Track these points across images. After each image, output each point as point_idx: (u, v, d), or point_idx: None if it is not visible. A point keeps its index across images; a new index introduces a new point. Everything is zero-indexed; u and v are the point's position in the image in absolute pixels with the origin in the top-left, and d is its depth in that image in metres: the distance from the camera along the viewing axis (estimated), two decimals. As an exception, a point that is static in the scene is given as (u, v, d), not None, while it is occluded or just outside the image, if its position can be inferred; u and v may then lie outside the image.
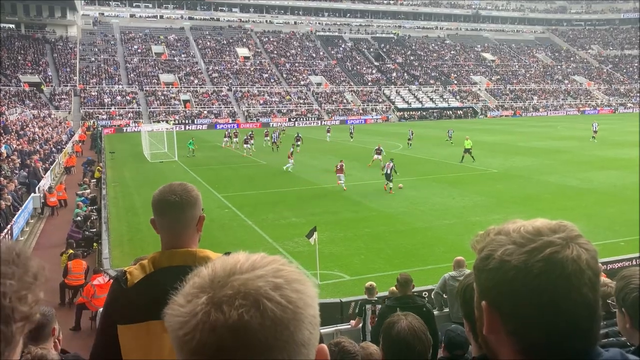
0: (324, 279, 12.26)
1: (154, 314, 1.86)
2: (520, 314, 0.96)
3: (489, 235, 1.05)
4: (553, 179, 24.63)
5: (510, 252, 0.98)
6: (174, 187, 2.07)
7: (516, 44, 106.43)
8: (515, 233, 1.01)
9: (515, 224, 1.04)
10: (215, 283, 0.80)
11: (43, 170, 24.39)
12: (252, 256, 0.86)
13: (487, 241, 1.04)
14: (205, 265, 0.85)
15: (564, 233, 0.99)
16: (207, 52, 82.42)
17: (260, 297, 0.78)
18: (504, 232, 1.03)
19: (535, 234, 0.99)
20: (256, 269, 0.82)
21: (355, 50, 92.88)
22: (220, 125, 63.31)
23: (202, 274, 0.83)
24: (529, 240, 0.98)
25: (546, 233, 0.99)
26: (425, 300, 7.25)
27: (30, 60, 69.15)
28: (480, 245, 1.05)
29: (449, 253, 13.82)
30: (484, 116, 78.63)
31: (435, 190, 22.73)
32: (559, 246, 0.96)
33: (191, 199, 2.07)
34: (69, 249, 13.10)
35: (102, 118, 62.24)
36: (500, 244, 1.00)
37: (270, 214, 19.09)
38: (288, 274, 0.83)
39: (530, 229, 1.00)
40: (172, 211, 2.02)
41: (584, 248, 0.98)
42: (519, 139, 42.95)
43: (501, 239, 1.01)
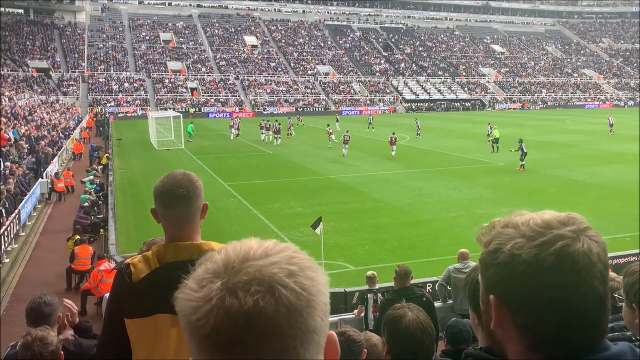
0: (329, 269, 12.31)
1: (161, 308, 1.88)
2: (530, 308, 0.95)
3: (495, 228, 1.04)
4: (559, 173, 24.52)
5: (520, 246, 0.96)
6: (178, 179, 2.03)
7: (526, 36, 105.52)
8: (524, 226, 0.99)
9: (523, 216, 1.03)
10: (230, 269, 0.80)
11: (50, 156, 24.52)
12: (264, 243, 0.86)
13: (493, 234, 1.03)
14: (218, 250, 0.85)
15: (574, 226, 0.98)
16: (214, 40, 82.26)
17: (275, 284, 0.78)
18: (511, 224, 1.01)
19: (545, 227, 0.97)
20: (269, 255, 0.82)
21: (363, 40, 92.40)
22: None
23: (215, 259, 0.83)
24: (538, 233, 0.97)
25: (556, 226, 0.97)
26: (424, 291, 7.28)
27: (38, 45, 69.27)
28: (486, 238, 1.04)
29: (454, 245, 13.83)
30: (492, 109, 78.20)
31: (441, 182, 22.70)
32: (569, 239, 0.95)
33: (197, 189, 2.05)
34: (75, 235, 13.20)
35: (110, 105, 62.37)
36: (509, 237, 0.99)
37: (276, 204, 19.14)
38: (301, 261, 0.83)
39: (540, 221, 0.99)
40: (179, 204, 1.99)
41: (594, 240, 0.97)
42: (526, 132, 42.65)
43: (509, 232, 1.00)
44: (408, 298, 5.30)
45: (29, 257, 14.32)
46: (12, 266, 13.54)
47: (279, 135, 36.71)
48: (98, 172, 23.35)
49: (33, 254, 14.63)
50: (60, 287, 12.00)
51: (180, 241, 1.99)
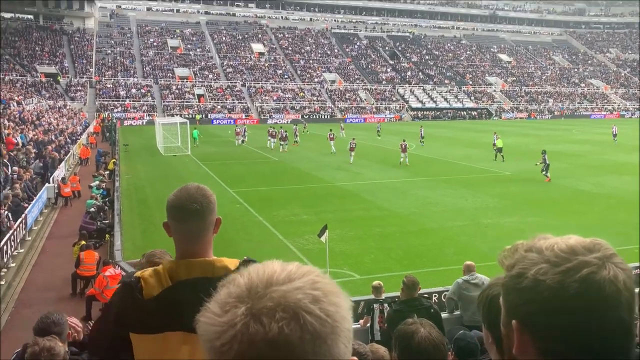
0: (334, 277, 11.98)
1: (172, 326, 1.84)
2: (554, 335, 0.93)
3: (518, 252, 1.01)
4: (566, 183, 24.40)
5: (545, 272, 0.94)
6: (192, 193, 1.98)
7: (533, 45, 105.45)
8: (548, 251, 0.97)
9: (547, 241, 1.00)
10: (254, 293, 0.79)
11: (58, 161, 24.61)
12: (288, 266, 0.85)
13: (516, 258, 1.00)
14: (241, 273, 0.85)
15: (599, 252, 0.95)
16: (222, 47, 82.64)
17: (300, 310, 0.77)
18: (535, 249, 0.99)
19: (570, 252, 0.95)
20: (293, 280, 0.81)
21: (370, 49, 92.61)
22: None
23: (238, 283, 0.82)
24: (563, 259, 0.94)
25: (581, 252, 0.95)
26: (431, 302, 7.22)
27: (47, 51, 69.79)
28: (509, 262, 1.01)
29: (460, 255, 13.76)
30: (499, 118, 78.08)
31: (448, 191, 22.62)
32: (595, 266, 0.92)
33: (210, 204, 2.01)
34: (81, 240, 13.21)
35: (117, 110, 62.67)
36: (533, 262, 0.96)
37: (282, 211, 19.11)
38: (325, 285, 0.82)
39: (564, 247, 0.96)
40: (192, 219, 1.95)
41: (620, 268, 0.94)
42: (533, 142, 42.57)
43: (533, 256, 0.98)
44: (416, 309, 5.25)
45: (34, 262, 14.34)
46: (18, 271, 13.55)
47: (286, 142, 36.88)
48: (105, 178, 23.40)
49: (39, 259, 14.65)
50: (65, 292, 12.01)
51: (193, 257, 1.95)
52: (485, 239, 15.50)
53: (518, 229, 16.48)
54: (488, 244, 14.98)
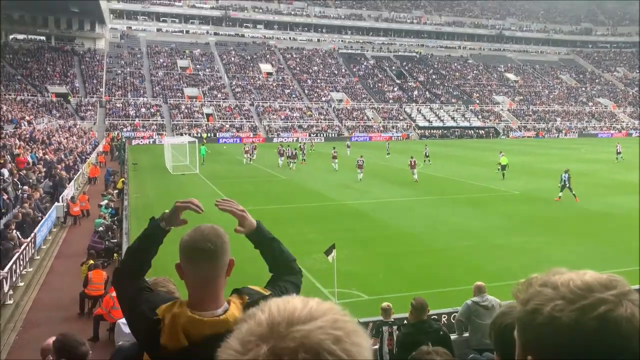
0: (342, 298, 12.17)
1: None
2: None
3: (533, 286, 1.01)
4: (576, 203, 24.22)
5: (561, 308, 0.93)
6: (206, 233, 1.97)
7: (540, 64, 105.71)
8: (564, 287, 0.96)
9: (562, 276, 0.99)
10: (276, 333, 0.79)
11: (67, 180, 24.79)
12: (308, 302, 0.84)
13: (531, 293, 1.00)
14: (261, 309, 0.84)
15: (616, 289, 0.94)
16: (231, 67, 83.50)
17: (322, 351, 0.77)
18: (550, 284, 0.98)
19: (586, 289, 0.94)
20: (315, 318, 0.81)
21: (377, 68, 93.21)
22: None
23: (259, 320, 0.81)
24: (580, 296, 0.93)
25: (598, 289, 0.94)
26: (440, 324, 7.14)
27: (58, 71, 70.80)
28: (523, 296, 1.01)
29: (470, 275, 13.64)
30: (506, 136, 78.02)
31: (456, 210, 22.51)
32: (612, 304, 0.91)
33: (224, 244, 2.00)
34: (89, 260, 13.23)
35: (126, 130, 63.22)
36: (548, 298, 0.96)
37: (289, 230, 19.06)
38: (346, 324, 0.82)
39: (580, 283, 0.95)
40: (206, 260, 1.93)
41: (638, 305, 0.93)
42: (541, 161, 42.46)
43: (548, 292, 0.97)
44: (425, 332, 5.20)
45: (42, 281, 14.36)
46: (26, 290, 13.58)
47: (294, 160, 37.08)
48: (113, 197, 23.51)
49: (47, 278, 14.67)
50: (73, 312, 11.99)
51: (204, 303, 1.92)
52: (494, 259, 15.37)
53: (527, 249, 16.35)
54: (497, 265, 14.86)
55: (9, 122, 34.81)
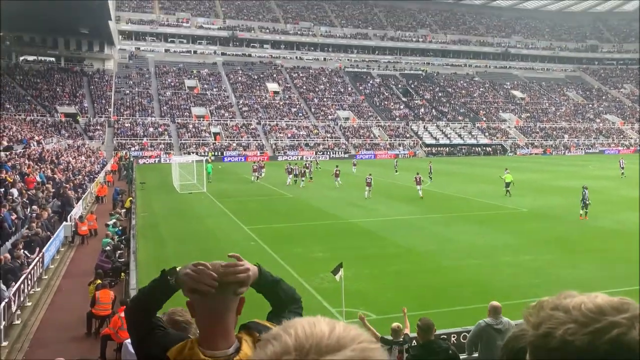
0: (350, 318, 12.07)
1: None
2: None
3: (544, 309, 1.01)
4: (584, 220, 24.05)
5: (573, 332, 0.92)
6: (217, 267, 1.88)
7: (546, 82, 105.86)
8: (575, 311, 0.95)
9: (573, 299, 0.99)
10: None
11: (75, 199, 24.93)
12: (335, 328, 0.83)
13: (542, 316, 0.99)
14: (285, 330, 0.82)
15: (628, 313, 0.94)
16: (238, 87, 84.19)
17: None
18: (561, 308, 0.98)
19: (598, 312, 0.94)
20: (344, 347, 0.79)
21: (383, 86, 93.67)
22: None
23: (285, 344, 0.79)
24: (592, 319, 0.93)
25: (610, 312, 0.93)
26: (449, 343, 7.05)
27: (68, 92, 71.65)
28: (534, 320, 1.01)
29: (479, 294, 13.54)
30: (514, 154, 77.88)
31: (464, 228, 22.40)
32: (625, 327, 0.91)
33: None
34: (97, 279, 13.24)
35: (134, 149, 63.68)
36: (560, 322, 0.95)
37: (296, 248, 19.04)
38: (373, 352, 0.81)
39: (592, 307, 0.95)
40: (216, 292, 1.85)
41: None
42: (549, 178, 42.29)
43: (560, 315, 0.97)
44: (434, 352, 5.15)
45: (50, 301, 14.36)
46: (34, 310, 13.58)
47: (303, 178, 37.39)
48: (121, 216, 23.61)
49: (55, 298, 14.68)
50: (80, 332, 11.97)
51: (215, 341, 1.86)
52: (503, 278, 15.25)
53: (536, 267, 16.21)
54: (506, 283, 14.73)
55: (18, 142, 35.18)
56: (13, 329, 12.04)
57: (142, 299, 2.04)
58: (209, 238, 21.10)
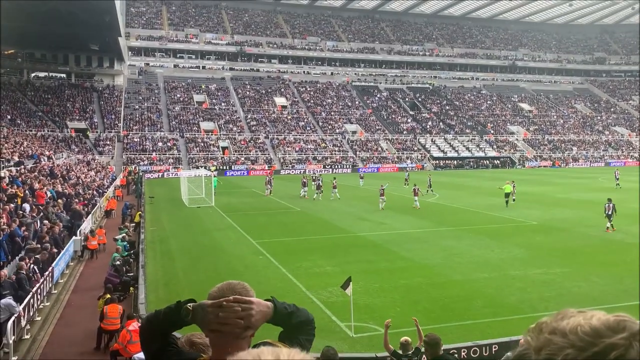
0: (359, 332, 12.02)
1: None
2: None
3: (543, 333, 1.01)
4: (594, 232, 23.86)
5: (572, 358, 0.92)
6: (233, 285, 1.90)
7: (554, 94, 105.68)
8: (572, 335, 0.95)
9: (569, 321, 0.98)
10: None
11: (85, 214, 25.07)
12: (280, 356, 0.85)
13: (542, 341, 0.99)
14: None
15: (624, 332, 0.93)
16: (246, 101, 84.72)
17: None
18: (559, 331, 0.98)
19: (594, 335, 0.93)
20: None
21: (390, 100, 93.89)
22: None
23: None
24: (589, 343, 0.92)
25: (606, 334, 0.93)
26: (456, 357, 7.01)
27: (78, 107, 72.41)
28: (535, 344, 1.01)
29: (488, 308, 13.44)
30: (522, 166, 77.58)
31: (473, 241, 22.28)
32: (622, 348, 0.90)
33: (248, 296, 1.90)
34: (106, 294, 13.27)
35: (144, 163, 64.09)
36: (559, 347, 0.95)
37: (305, 262, 19.00)
38: None
39: (588, 329, 0.95)
40: None
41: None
42: (558, 190, 42.05)
43: (558, 340, 0.96)
44: (444, 366, 5.10)
45: (59, 316, 14.40)
46: (43, 324, 13.62)
47: (320, 190, 37.84)
48: (130, 230, 23.70)
49: (64, 312, 14.71)
50: (89, 347, 11.98)
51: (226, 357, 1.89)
52: (513, 291, 15.12)
53: (546, 280, 16.08)
54: (516, 297, 14.61)
55: (29, 157, 35.52)
56: (22, 344, 12.07)
57: (155, 323, 2.03)
58: (218, 252, 21.12)
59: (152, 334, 2.04)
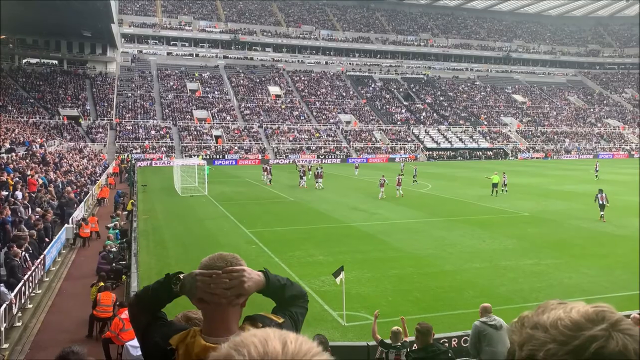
0: (350, 320, 12.09)
1: None
2: None
3: (525, 328, 1.02)
4: (586, 224, 24.04)
5: (554, 352, 0.93)
6: (225, 255, 1.94)
7: (547, 86, 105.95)
8: (553, 329, 0.96)
9: (550, 314, 0.99)
10: None
11: (77, 202, 24.96)
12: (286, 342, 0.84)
13: (524, 337, 1.00)
14: (236, 349, 0.83)
15: (604, 323, 0.94)
16: (239, 90, 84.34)
17: None
18: (540, 326, 0.99)
19: (575, 329, 0.94)
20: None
21: (384, 90, 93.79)
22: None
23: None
24: (570, 337, 0.93)
25: (586, 326, 0.94)
26: (447, 347, 7.09)
27: (70, 94, 71.85)
28: (518, 339, 1.02)
29: (479, 298, 13.53)
30: (515, 157, 77.90)
31: (465, 232, 22.40)
32: (602, 339, 0.91)
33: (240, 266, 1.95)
34: (100, 282, 13.25)
35: (136, 152, 63.80)
36: (541, 342, 0.96)
37: (297, 251, 19.04)
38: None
39: (568, 322, 0.96)
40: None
41: (628, 334, 0.93)
42: (550, 182, 42.27)
43: (540, 335, 0.97)
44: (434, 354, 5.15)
45: (51, 303, 14.38)
46: (35, 312, 13.60)
47: (321, 179, 38.04)
48: (122, 219, 23.62)
49: (56, 300, 14.69)
50: (81, 334, 11.98)
51: (220, 334, 1.87)
52: (504, 282, 15.24)
53: (537, 271, 16.21)
54: (507, 287, 14.73)
55: (20, 144, 35.24)
56: (14, 331, 12.05)
57: (145, 298, 2.07)
58: (210, 240, 21.12)
59: (141, 309, 2.06)
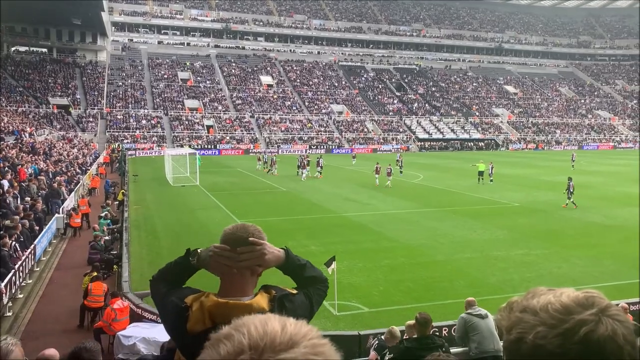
0: (342, 310, 12.14)
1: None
2: None
3: (514, 312, 1.01)
4: (576, 215, 24.23)
5: (543, 335, 0.93)
6: (247, 226, 2.07)
7: (539, 77, 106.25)
8: (543, 312, 0.96)
9: (540, 299, 0.99)
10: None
11: (67, 192, 24.78)
12: (286, 325, 0.85)
13: (513, 320, 1.00)
14: (237, 329, 0.84)
15: (594, 308, 0.94)
16: (231, 79, 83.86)
17: None
18: (529, 309, 0.98)
19: (564, 312, 0.94)
20: (296, 345, 0.81)
21: (377, 80, 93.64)
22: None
23: (239, 343, 0.81)
24: (560, 320, 0.93)
25: (576, 310, 0.94)
26: (443, 341, 7.12)
27: (60, 83, 71.11)
28: (506, 323, 1.02)
29: (470, 288, 13.64)
30: (506, 148, 78.22)
31: (456, 222, 22.51)
32: (592, 323, 0.91)
33: (262, 239, 2.07)
34: (93, 271, 13.18)
35: (127, 141, 63.38)
36: (530, 325, 0.96)
37: (290, 241, 19.02)
38: (324, 348, 0.83)
39: (558, 306, 0.95)
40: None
41: (617, 320, 0.93)
42: (541, 173, 42.51)
43: (529, 318, 0.97)
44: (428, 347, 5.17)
45: (42, 293, 14.32)
46: (26, 302, 13.54)
47: (320, 168, 38.55)
48: (112, 208, 23.49)
49: (46, 290, 14.63)
50: (72, 324, 11.95)
51: (233, 295, 1.98)
52: (495, 272, 15.36)
53: (528, 261, 16.34)
54: (498, 277, 14.85)
55: (10, 133, 34.90)
56: (4, 321, 12.00)
57: (166, 273, 2.21)
58: (202, 231, 21.08)
59: (162, 284, 2.19)
